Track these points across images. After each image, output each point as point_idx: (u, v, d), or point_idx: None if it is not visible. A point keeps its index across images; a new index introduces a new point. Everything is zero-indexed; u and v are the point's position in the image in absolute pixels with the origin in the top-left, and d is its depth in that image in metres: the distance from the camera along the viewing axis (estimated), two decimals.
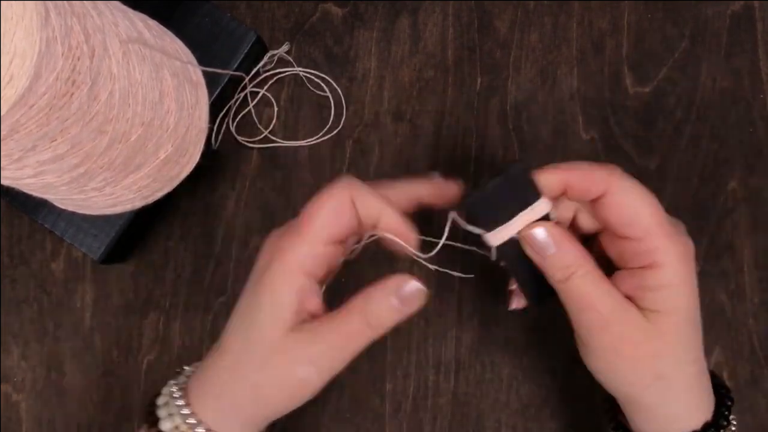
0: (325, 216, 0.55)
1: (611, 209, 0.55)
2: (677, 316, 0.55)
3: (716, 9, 0.75)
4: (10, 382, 0.75)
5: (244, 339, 0.56)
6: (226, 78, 0.70)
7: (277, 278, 0.55)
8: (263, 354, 0.55)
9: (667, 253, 0.54)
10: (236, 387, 0.57)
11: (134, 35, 0.57)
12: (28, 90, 0.45)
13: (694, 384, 0.58)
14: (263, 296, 0.55)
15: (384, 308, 0.55)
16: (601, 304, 0.55)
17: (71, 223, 0.69)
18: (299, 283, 0.55)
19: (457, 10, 0.75)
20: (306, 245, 0.55)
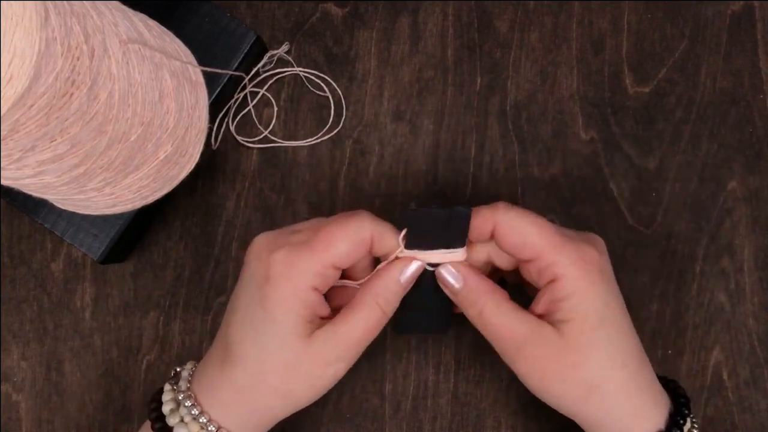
0: (344, 245, 0.58)
1: (503, 240, 0.59)
2: (586, 322, 0.57)
3: (716, 9, 0.75)
4: (10, 382, 0.75)
5: (260, 350, 0.58)
6: (225, 78, 0.70)
7: (288, 295, 0.57)
8: (289, 361, 0.57)
9: (561, 264, 0.57)
10: (265, 394, 0.59)
11: (134, 35, 0.57)
12: (28, 90, 0.45)
13: (632, 389, 0.59)
14: (275, 310, 0.57)
15: (393, 292, 0.60)
16: (512, 331, 0.59)
17: (71, 223, 0.69)
18: (311, 298, 0.58)
19: (457, 10, 0.75)
20: (319, 266, 0.57)
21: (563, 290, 0.57)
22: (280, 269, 0.57)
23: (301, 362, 0.57)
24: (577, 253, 0.57)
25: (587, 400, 0.59)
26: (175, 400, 0.60)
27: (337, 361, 0.58)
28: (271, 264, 0.57)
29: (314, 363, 0.58)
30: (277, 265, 0.57)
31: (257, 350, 0.58)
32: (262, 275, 0.58)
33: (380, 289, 0.59)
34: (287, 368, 0.58)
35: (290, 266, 0.57)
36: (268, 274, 0.57)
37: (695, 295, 0.73)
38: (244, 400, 0.59)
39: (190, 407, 0.59)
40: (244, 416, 0.59)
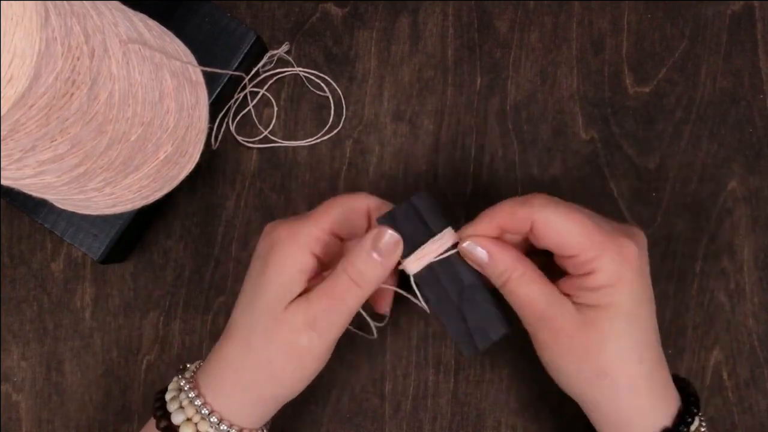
0: (339, 210, 0.61)
1: (541, 239, 0.59)
2: (613, 311, 0.57)
3: (716, 9, 0.75)
4: (10, 382, 0.75)
5: (249, 317, 0.59)
6: (225, 78, 0.70)
7: (287, 255, 0.59)
8: (268, 327, 0.58)
9: (600, 260, 0.57)
10: (249, 367, 0.59)
11: (134, 35, 0.57)
12: (28, 90, 0.45)
13: (642, 385, 0.59)
14: (271, 273, 0.59)
15: (366, 263, 0.59)
16: (536, 302, 0.59)
17: (71, 223, 0.69)
18: (307, 260, 0.59)
19: (457, 10, 0.75)
20: (316, 228, 0.59)
21: (597, 282, 0.57)
22: (283, 236, 0.59)
23: (278, 328, 0.58)
24: (616, 249, 0.57)
25: (596, 385, 0.59)
26: (178, 388, 0.61)
27: (308, 329, 0.58)
28: (276, 235, 0.59)
29: (284, 328, 0.58)
30: (281, 234, 0.59)
31: (247, 319, 0.59)
32: (267, 247, 0.60)
33: (351, 259, 0.58)
34: (266, 333, 0.58)
35: (291, 231, 0.59)
36: (272, 243, 0.59)
37: (695, 295, 0.73)
38: (234, 377, 0.59)
39: (188, 391, 0.60)
40: (235, 396, 0.60)
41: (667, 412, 0.60)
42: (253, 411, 0.60)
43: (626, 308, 0.57)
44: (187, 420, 0.59)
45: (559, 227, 0.58)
